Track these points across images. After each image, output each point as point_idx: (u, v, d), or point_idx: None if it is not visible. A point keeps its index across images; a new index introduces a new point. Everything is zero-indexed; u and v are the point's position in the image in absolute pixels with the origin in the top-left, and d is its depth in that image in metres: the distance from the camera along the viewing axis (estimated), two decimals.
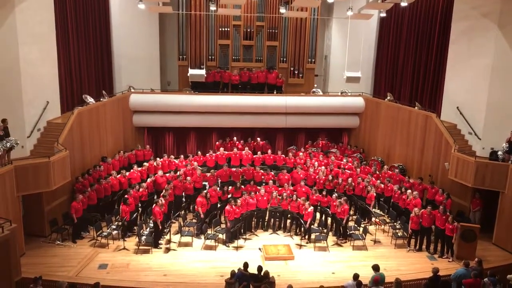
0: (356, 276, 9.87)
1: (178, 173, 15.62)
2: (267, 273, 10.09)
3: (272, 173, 16.31)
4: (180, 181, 14.84)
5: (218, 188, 14.75)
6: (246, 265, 10.29)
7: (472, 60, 15.04)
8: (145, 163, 16.44)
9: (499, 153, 13.62)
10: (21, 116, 13.30)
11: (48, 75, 14.48)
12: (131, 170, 15.86)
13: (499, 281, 9.89)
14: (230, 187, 14.95)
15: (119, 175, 15.25)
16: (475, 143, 15.03)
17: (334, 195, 14.20)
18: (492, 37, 14.30)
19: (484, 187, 13.54)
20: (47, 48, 14.33)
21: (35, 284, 9.56)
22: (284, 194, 14.26)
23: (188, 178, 15.08)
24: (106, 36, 19.00)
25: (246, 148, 17.93)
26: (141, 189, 14.32)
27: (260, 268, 10.23)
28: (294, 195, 14.24)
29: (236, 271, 10.18)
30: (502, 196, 13.29)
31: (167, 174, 15.68)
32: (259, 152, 17.83)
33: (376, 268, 10.19)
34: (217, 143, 19.10)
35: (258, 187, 14.81)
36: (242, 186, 15.00)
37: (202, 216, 13.59)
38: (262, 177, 15.92)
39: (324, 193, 14.51)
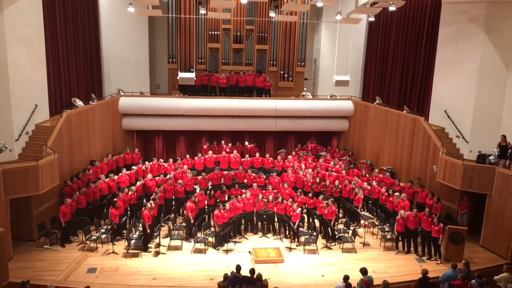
0: (346, 278, 9.92)
1: (168, 176, 15.56)
2: (260, 275, 10.13)
3: (264, 176, 16.35)
4: (170, 184, 14.80)
5: (204, 193, 14.71)
6: (238, 267, 10.31)
7: (459, 64, 15.24)
8: (133, 167, 16.36)
9: (491, 157, 13.70)
10: (9, 119, 13.16)
11: (37, 78, 14.36)
12: (120, 174, 15.76)
13: (486, 283, 9.99)
14: (213, 191, 14.90)
15: (108, 179, 15.14)
16: (462, 146, 15.20)
17: (320, 197, 14.26)
18: (479, 42, 14.52)
19: (472, 190, 13.67)
20: (36, 51, 14.21)
21: None
22: (270, 196, 14.30)
23: (180, 181, 15.04)
24: (95, 39, 18.88)
25: (235, 151, 17.93)
26: (130, 192, 14.25)
27: (252, 271, 10.23)
28: (280, 197, 14.28)
29: (229, 274, 10.18)
30: (489, 199, 13.44)
31: (157, 178, 15.62)
32: (247, 155, 17.82)
33: (363, 271, 10.22)
34: (204, 146, 19.09)
35: (243, 190, 14.82)
36: (227, 190, 15.00)
37: (192, 221, 13.56)
38: (254, 180, 15.92)
39: (310, 195, 14.57)
